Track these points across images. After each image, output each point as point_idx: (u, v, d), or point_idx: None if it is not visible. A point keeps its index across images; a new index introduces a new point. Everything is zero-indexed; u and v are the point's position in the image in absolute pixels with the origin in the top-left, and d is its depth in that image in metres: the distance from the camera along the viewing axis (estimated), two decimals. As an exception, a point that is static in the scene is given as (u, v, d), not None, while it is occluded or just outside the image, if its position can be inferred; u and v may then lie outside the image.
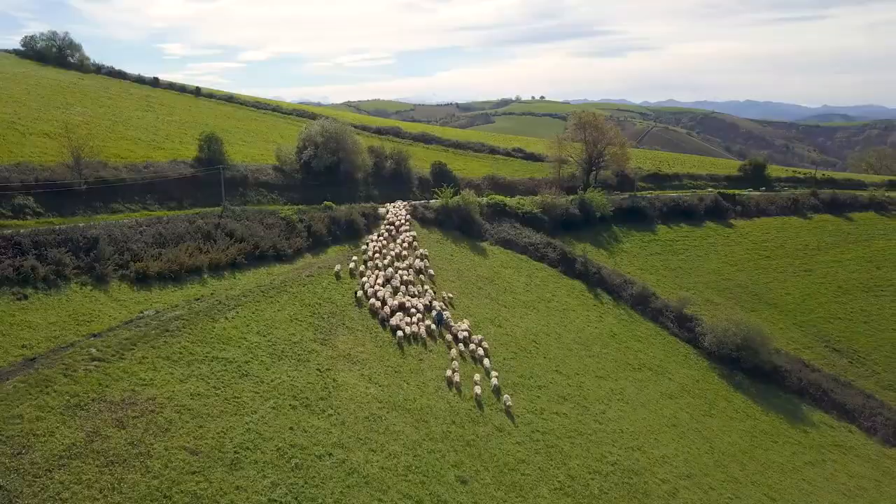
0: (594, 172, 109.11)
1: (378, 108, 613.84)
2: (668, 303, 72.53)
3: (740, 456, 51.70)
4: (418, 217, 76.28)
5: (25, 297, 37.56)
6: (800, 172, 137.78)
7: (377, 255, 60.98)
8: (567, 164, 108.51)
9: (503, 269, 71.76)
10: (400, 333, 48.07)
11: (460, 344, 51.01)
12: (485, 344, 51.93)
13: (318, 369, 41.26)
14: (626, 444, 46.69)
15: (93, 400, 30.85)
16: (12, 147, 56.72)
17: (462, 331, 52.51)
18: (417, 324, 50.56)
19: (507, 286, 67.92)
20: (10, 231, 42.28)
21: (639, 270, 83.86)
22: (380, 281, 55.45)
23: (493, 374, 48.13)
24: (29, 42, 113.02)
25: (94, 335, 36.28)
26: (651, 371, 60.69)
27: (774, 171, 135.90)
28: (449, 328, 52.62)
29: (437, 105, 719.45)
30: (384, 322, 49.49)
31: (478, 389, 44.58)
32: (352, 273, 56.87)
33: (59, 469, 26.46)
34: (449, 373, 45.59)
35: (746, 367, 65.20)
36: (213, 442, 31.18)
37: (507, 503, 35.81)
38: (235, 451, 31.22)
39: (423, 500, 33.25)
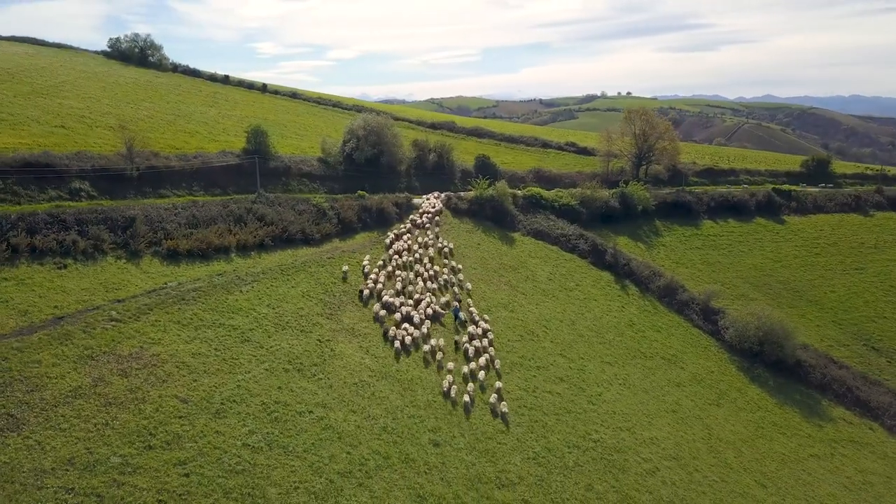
0: (644, 167, 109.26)
1: (461, 105, 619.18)
2: (694, 295, 72.91)
3: (739, 444, 52.34)
4: (451, 207, 79.45)
5: (65, 267, 43.23)
6: (870, 169, 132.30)
7: (395, 253, 61.98)
8: (616, 159, 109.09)
9: (530, 259, 73.98)
10: (398, 345, 47.34)
11: (468, 335, 52.40)
12: (490, 336, 53.38)
13: (318, 339, 45.26)
14: (615, 425, 48.38)
15: (103, 353, 35.85)
16: (77, 138, 63.55)
17: (475, 324, 54.40)
18: (419, 328, 50.16)
19: (530, 275, 70.15)
20: (59, 210, 48.12)
21: (674, 264, 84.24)
22: (387, 280, 56.74)
23: (496, 362, 50.40)
24: (115, 44, 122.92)
25: (119, 300, 41.47)
26: (663, 360, 61.71)
27: (840, 167, 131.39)
28: (464, 324, 54.43)
29: (521, 101, 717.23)
30: (386, 335, 48.57)
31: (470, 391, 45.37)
32: (365, 273, 56.98)
33: (64, 405, 31.38)
34: (451, 365, 47.37)
35: (769, 361, 65.06)
36: (203, 393, 35.58)
37: (475, 466, 38.49)
38: (222, 403, 35.50)
39: (391, 456, 36.52)
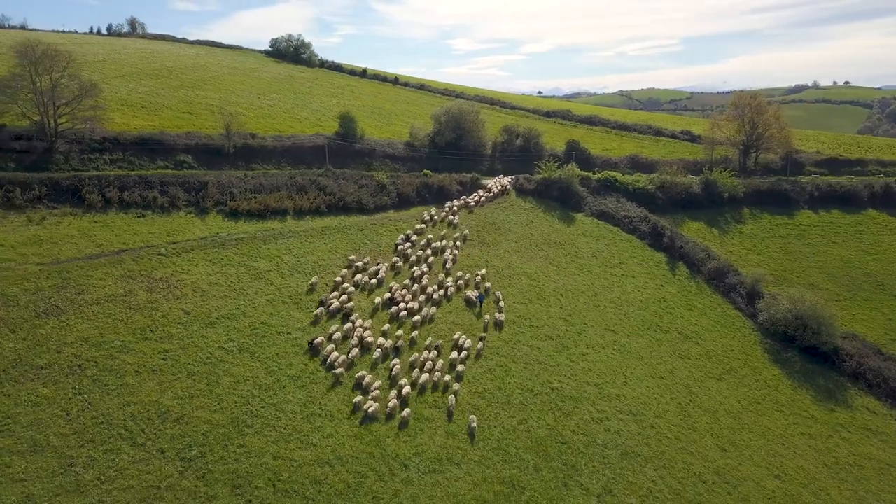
0: (754, 155, 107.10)
1: (651, 98, 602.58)
2: (742, 279, 73.15)
3: (721, 413, 54.19)
4: (518, 187, 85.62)
5: (143, 217, 56.86)
6: None
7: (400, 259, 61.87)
8: (721, 146, 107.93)
9: (581, 237, 78.40)
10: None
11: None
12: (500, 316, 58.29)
13: (326, 283, 55.04)
14: (582, 379, 52.86)
15: (141, 275, 48.31)
16: (195, 121, 78.83)
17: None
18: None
19: (574, 251, 74.79)
20: (148, 174, 62.30)
21: (745, 251, 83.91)
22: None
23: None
24: (275, 44, 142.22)
25: (173, 243, 54.16)
26: (680, 335, 64.04)
27: None
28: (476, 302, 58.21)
29: (719, 94, 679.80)
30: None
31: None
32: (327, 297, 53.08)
33: (96, 305, 43.92)
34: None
35: (803, 346, 64.72)
36: (205, 310, 46.78)
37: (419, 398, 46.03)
38: (217, 318, 46.45)
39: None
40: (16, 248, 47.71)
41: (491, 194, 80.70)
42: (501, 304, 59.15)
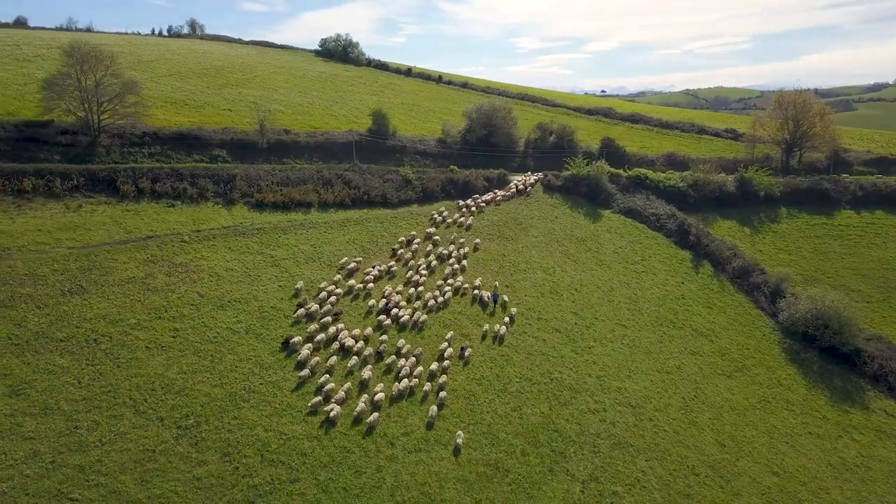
0: (797, 153, 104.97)
1: (718, 96, 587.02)
2: (767, 278, 72.24)
3: (726, 410, 54.11)
4: (546, 184, 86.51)
5: (173, 206, 60.56)
6: None
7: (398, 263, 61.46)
8: (763, 144, 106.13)
9: (605, 234, 78.77)
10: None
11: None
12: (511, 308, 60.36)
13: (338, 269, 57.47)
14: (585, 371, 53.70)
15: (162, 260, 51.76)
16: (234, 117, 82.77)
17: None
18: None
19: (596, 246, 75.30)
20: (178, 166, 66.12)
21: (776, 250, 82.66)
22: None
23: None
24: (324, 44, 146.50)
25: (197, 231, 57.59)
26: (694, 332, 63.93)
27: None
28: (504, 305, 58.73)
29: (790, 91, 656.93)
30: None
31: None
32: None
33: (117, 286, 47.47)
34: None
35: (824, 346, 63.73)
36: (217, 292, 49.83)
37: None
38: (228, 301, 49.43)
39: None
40: (52, 232, 51.82)
41: (507, 193, 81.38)
42: (506, 320, 56.93)
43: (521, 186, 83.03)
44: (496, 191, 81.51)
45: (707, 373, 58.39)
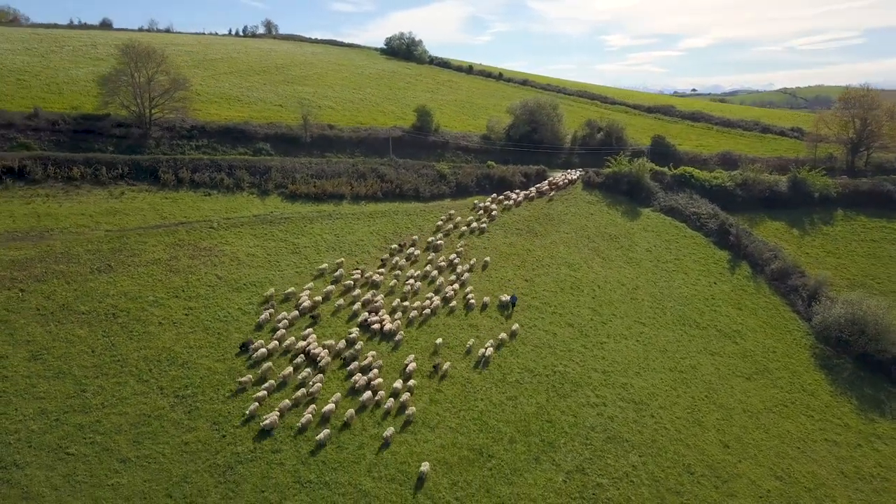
0: (864, 153, 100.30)
1: (819, 95, 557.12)
2: (806, 281, 69.73)
3: (737, 412, 52.95)
4: (586, 181, 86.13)
5: (209, 195, 64.38)
6: None
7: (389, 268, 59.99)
8: (826, 144, 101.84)
9: (641, 231, 77.84)
10: None
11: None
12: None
13: (357, 261, 59.71)
14: (591, 366, 53.69)
15: (188, 244, 55.33)
16: (283, 112, 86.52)
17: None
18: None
19: (629, 244, 74.57)
20: (221, 158, 69.98)
21: (824, 253, 79.56)
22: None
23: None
24: (389, 42, 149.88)
25: (227, 218, 61.09)
26: (718, 332, 62.60)
27: None
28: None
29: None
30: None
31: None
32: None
33: (142, 266, 51.24)
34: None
35: (858, 353, 61.26)
36: (235, 276, 52.91)
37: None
38: (244, 284, 52.43)
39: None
40: (93, 216, 56.34)
41: (541, 189, 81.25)
42: (510, 331, 55.37)
43: (559, 182, 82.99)
44: (518, 190, 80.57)
45: (724, 374, 57.18)
